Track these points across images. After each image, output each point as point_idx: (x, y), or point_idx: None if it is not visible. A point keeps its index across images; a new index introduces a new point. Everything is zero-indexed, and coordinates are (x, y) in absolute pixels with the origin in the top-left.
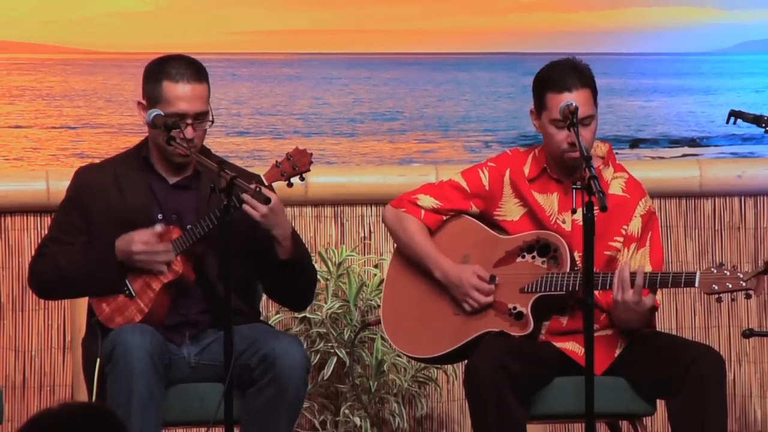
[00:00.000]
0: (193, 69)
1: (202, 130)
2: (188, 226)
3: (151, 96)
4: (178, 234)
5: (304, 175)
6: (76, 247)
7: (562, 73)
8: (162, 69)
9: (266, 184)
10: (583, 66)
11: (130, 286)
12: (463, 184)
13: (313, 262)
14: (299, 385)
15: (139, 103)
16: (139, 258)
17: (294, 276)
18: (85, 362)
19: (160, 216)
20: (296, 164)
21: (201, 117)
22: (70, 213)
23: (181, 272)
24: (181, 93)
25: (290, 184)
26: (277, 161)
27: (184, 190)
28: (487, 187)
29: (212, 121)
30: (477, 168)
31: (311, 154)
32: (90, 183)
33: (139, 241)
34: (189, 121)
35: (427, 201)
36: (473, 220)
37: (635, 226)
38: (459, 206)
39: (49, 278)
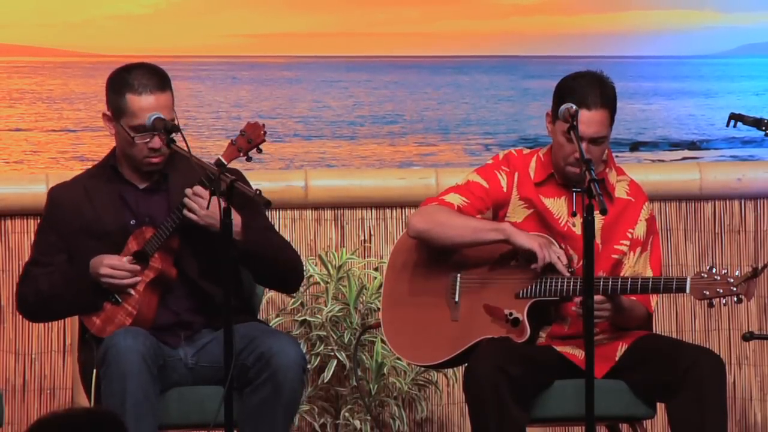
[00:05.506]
0: (156, 79)
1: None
2: (160, 224)
3: (116, 108)
4: (152, 233)
5: (260, 147)
6: (57, 270)
7: (586, 89)
8: (124, 80)
9: (225, 163)
10: (608, 84)
11: (115, 293)
12: (485, 184)
13: (289, 246)
14: (296, 383)
15: (104, 114)
16: (104, 281)
17: (257, 264)
18: (82, 374)
19: (132, 222)
20: (251, 138)
21: None
22: (47, 233)
23: (161, 268)
24: (145, 104)
25: (249, 159)
26: (232, 140)
27: (155, 193)
28: (505, 189)
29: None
30: (493, 169)
31: (264, 125)
32: (62, 200)
33: (108, 265)
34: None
35: (455, 198)
36: None
37: (641, 229)
38: (481, 206)
39: (32, 304)
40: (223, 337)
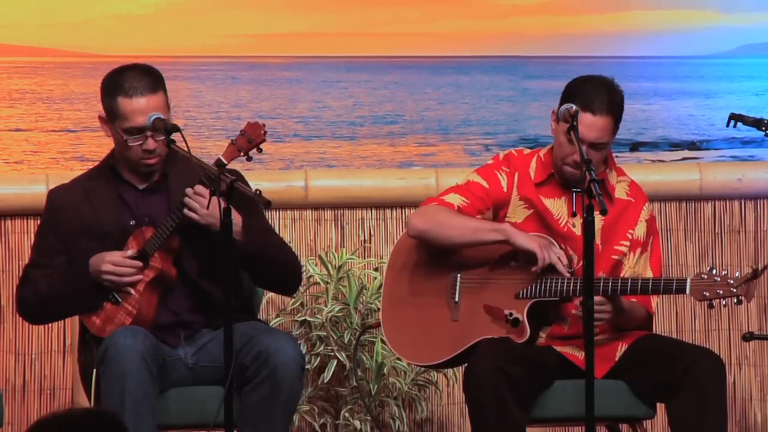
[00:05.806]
0: (147, 80)
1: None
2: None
3: (110, 110)
4: (152, 233)
5: (261, 146)
6: (56, 271)
7: (593, 92)
8: (116, 83)
9: (226, 163)
10: (617, 91)
11: (114, 293)
12: (485, 184)
13: (288, 248)
14: (294, 381)
15: (100, 116)
16: (106, 278)
17: (256, 265)
18: (82, 374)
19: (132, 222)
20: (251, 138)
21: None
22: (47, 235)
23: (161, 268)
24: (137, 107)
25: (249, 158)
26: (232, 140)
27: (154, 194)
28: (505, 190)
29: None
30: (493, 169)
31: (264, 125)
32: (61, 202)
33: (109, 261)
34: (149, 133)
35: (455, 198)
36: None
37: (641, 230)
38: (481, 206)
39: (32, 306)
40: (222, 336)
